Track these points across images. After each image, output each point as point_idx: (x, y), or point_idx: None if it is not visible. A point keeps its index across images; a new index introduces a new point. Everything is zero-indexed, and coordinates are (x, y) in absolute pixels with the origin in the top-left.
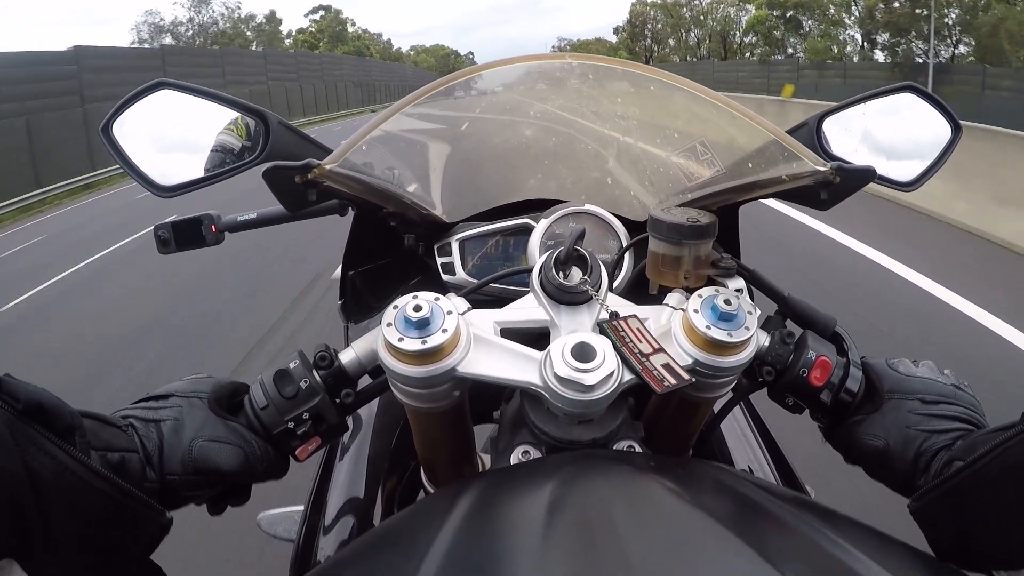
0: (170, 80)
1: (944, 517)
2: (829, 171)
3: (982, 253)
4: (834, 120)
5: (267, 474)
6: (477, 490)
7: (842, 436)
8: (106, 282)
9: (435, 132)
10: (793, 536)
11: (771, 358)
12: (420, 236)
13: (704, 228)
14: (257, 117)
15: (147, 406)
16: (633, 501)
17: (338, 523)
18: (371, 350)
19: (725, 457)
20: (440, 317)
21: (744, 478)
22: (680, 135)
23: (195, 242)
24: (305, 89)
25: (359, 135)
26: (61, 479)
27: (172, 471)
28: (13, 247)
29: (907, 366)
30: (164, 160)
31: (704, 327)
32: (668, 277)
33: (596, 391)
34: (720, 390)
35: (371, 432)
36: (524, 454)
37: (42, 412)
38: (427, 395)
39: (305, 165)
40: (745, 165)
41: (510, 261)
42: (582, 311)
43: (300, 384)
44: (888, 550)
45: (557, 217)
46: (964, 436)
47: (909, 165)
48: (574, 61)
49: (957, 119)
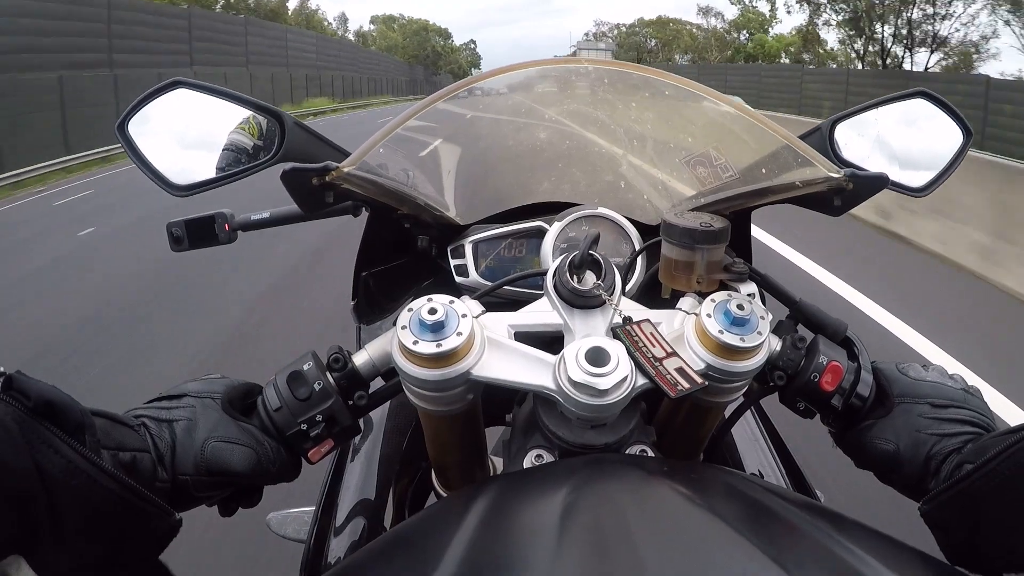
0: (186, 79)
1: (955, 520)
2: (842, 178)
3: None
4: (847, 125)
5: (279, 476)
6: (491, 494)
7: (853, 441)
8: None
9: (450, 134)
10: (804, 541)
11: (783, 363)
12: (434, 238)
13: (717, 233)
14: (273, 117)
15: (160, 406)
16: (646, 506)
17: (349, 525)
18: (385, 352)
19: (736, 461)
20: (455, 320)
21: (755, 483)
22: (694, 140)
23: (208, 240)
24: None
25: (377, 137)
26: (70, 477)
27: (184, 471)
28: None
29: (917, 370)
30: (179, 159)
31: (717, 332)
32: (681, 281)
33: (610, 395)
34: (732, 394)
35: (383, 434)
36: (537, 458)
37: (52, 409)
38: (440, 398)
39: (324, 167)
40: (758, 170)
41: (523, 264)
42: (596, 315)
43: (314, 386)
44: (898, 555)
45: (570, 220)
46: (974, 440)
47: (921, 170)
48: (590, 66)
49: (968, 125)
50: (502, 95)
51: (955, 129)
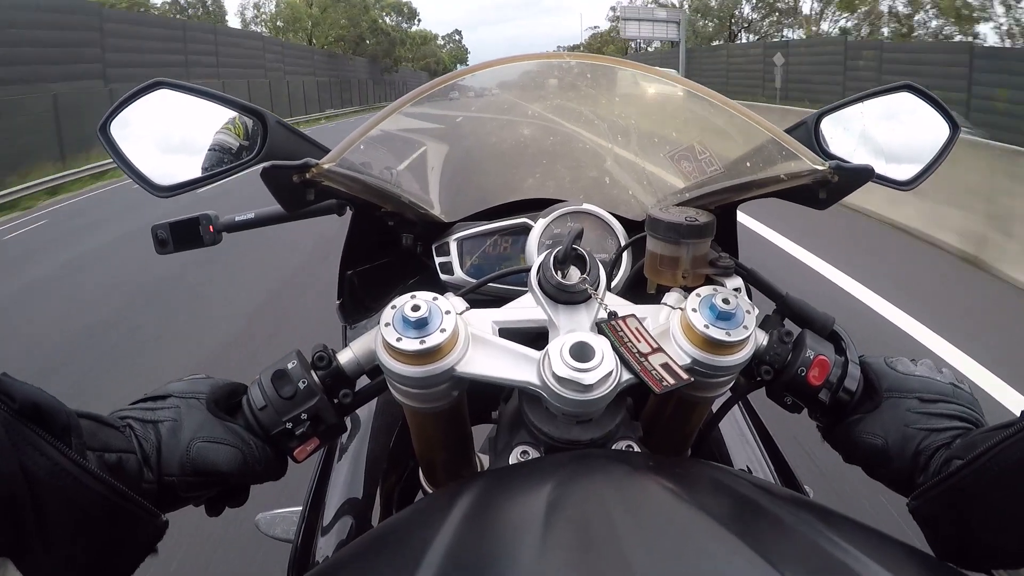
0: (168, 80)
1: (943, 516)
2: (827, 170)
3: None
4: (832, 119)
5: (265, 475)
6: (476, 490)
7: (841, 435)
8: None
9: (433, 131)
10: (791, 536)
11: (769, 357)
12: (418, 236)
13: (702, 227)
14: (255, 116)
15: (145, 407)
16: (631, 501)
17: (336, 523)
18: (369, 350)
19: (723, 456)
20: (438, 317)
21: (743, 478)
22: (678, 134)
23: (193, 242)
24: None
25: (357, 134)
26: (56, 479)
27: (170, 472)
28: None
29: (905, 364)
30: (162, 160)
31: (702, 326)
32: (666, 276)
33: (595, 391)
34: (718, 389)
35: (369, 432)
36: (523, 454)
37: (38, 412)
38: (425, 395)
39: (303, 164)
40: (743, 164)
41: (508, 261)
42: (580, 310)
43: (298, 385)
44: (887, 550)
45: (555, 216)
46: (963, 434)
47: (907, 164)
48: (572, 60)
49: (955, 118)
50: (485, 91)
51: (941, 122)
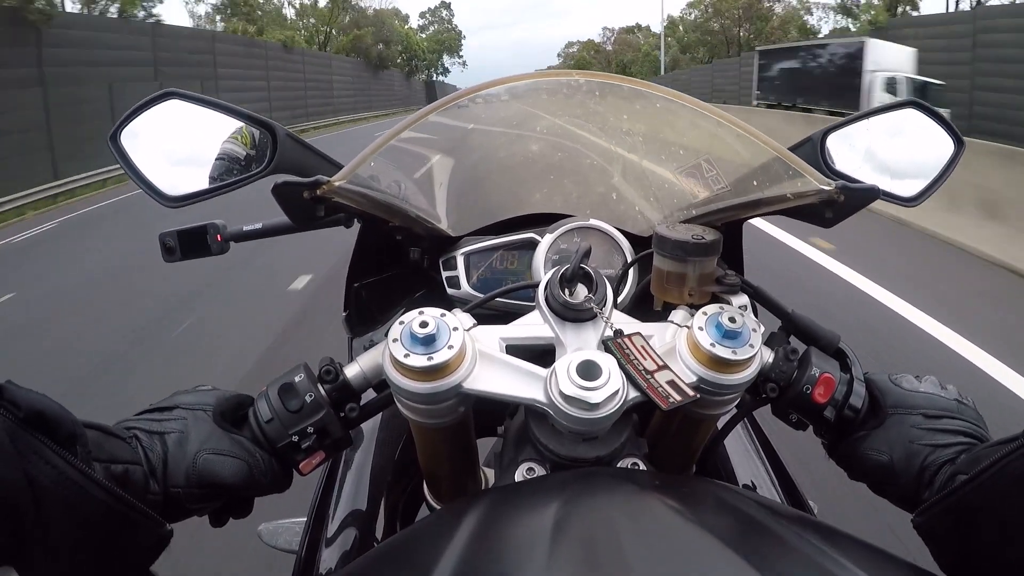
0: (179, 90)
1: (948, 531)
2: (834, 190)
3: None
4: (838, 136)
5: (270, 487)
6: (482, 508)
7: (846, 452)
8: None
9: (441, 146)
10: (795, 555)
11: (775, 375)
12: (425, 249)
13: (708, 245)
14: (265, 129)
15: (151, 418)
16: (637, 521)
17: (340, 536)
18: (376, 365)
19: (728, 473)
20: (446, 333)
21: (748, 496)
22: (685, 152)
23: (200, 251)
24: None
25: (369, 151)
26: (61, 488)
27: (176, 483)
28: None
29: (910, 381)
30: (171, 170)
31: (708, 345)
32: (672, 294)
33: (601, 409)
34: (724, 407)
35: (374, 445)
36: (528, 471)
37: (43, 420)
38: (432, 411)
39: (314, 182)
40: (750, 182)
41: (515, 275)
42: (587, 328)
43: (305, 398)
44: (891, 569)
45: (562, 232)
46: (967, 450)
47: (911, 180)
48: (581, 78)
49: (959, 134)
50: (495, 108)
51: (946, 139)
